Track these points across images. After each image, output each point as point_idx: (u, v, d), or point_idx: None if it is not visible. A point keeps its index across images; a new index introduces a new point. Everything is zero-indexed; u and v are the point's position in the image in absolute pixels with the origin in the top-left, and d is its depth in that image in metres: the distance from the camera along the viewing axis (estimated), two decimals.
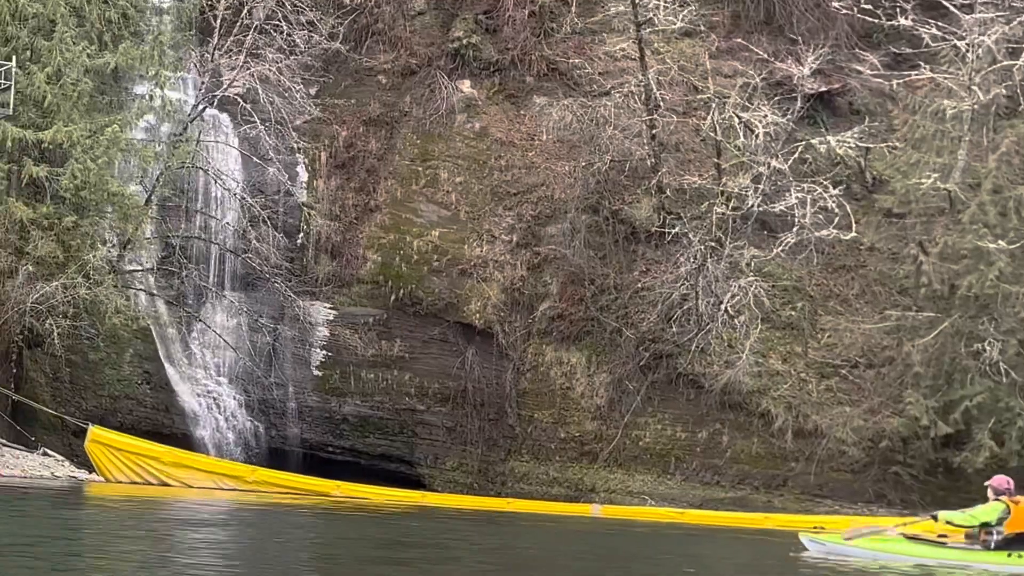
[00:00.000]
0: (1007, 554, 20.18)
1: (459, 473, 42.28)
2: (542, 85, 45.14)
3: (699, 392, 39.55)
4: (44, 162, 36.09)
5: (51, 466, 33.85)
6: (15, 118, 35.73)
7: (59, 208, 35.96)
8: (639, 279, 41.42)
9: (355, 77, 45.87)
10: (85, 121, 36.03)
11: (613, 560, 20.70)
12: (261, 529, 23.75)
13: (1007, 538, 20.31)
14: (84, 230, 35.95)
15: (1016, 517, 20.29)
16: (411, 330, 43.03)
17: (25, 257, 35.24)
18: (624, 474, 39.96)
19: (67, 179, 35.30)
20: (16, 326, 35.25)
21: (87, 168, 35.17)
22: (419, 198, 44.09)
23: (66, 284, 34.77)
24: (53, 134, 35.16)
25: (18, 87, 35.97)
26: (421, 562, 18.39)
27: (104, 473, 34.43)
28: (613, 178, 42.62)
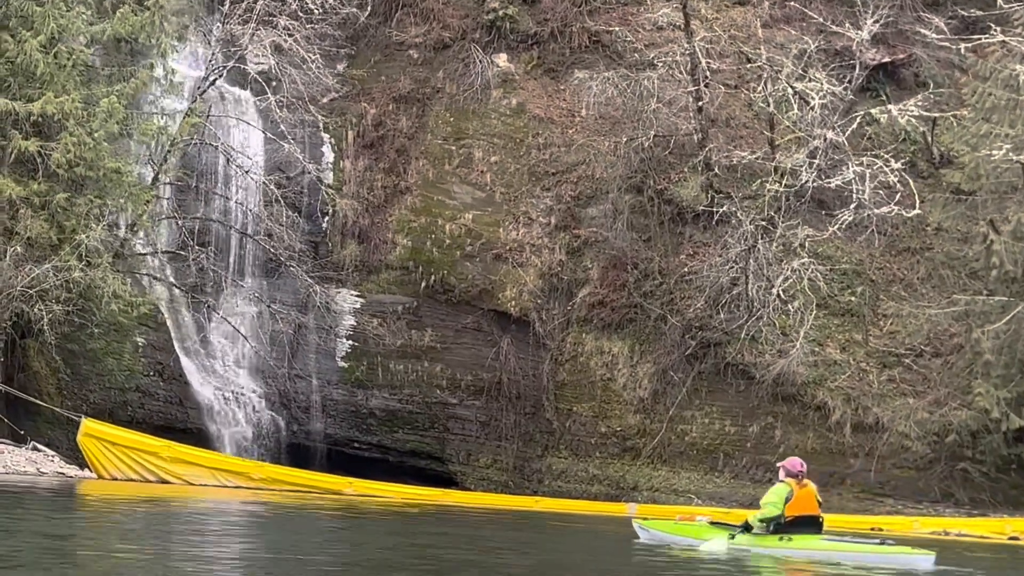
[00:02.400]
0: (779, 537, 19.81)
1: (493, 470, 39.92)
2: (583, 58, 42.81)
3: (750, 383, 36.93)
4: (37, 136, 33.86)
5: (39, 462, 31.59)
6: (6, 89, 33.64)
7: (53, 186, 33.72)
8: (685, 262, 38.93)
9: (384, 52, 43.84)
10: (80, 92, 33.76)
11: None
12: (272, 534, 21.25)
13: (786, 521, 19.89)
14: (80, 209, 33.63)
15: (797, 500, 19.83)
16: (442, 319, 40.81)
17: (15, 238, 33.03)
18: (669, 471, 37.43)
19: (59, 153, 33.08)
20: (5, 312, 33.02)
21: (82, 142, 32.92)
22: (452, 179, 41.88)
23: (58, 267, 32.50)
24: (43, 105, 32.98)
25: (8, 55, 33.87)
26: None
27: (98, 469, 32.12)
28: (658, 155, 40.22)
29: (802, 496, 19.97)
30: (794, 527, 19.85)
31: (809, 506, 19.98)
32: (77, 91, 33.86)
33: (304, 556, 16.38)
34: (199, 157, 39.81)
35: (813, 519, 20.03)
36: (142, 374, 37.39)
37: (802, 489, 20.03)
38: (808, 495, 20.05)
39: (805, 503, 19.95)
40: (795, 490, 20.01)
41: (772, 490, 20.38)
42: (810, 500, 20.02)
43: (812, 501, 20.04)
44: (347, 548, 18.74)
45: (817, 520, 20.09)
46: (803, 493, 20.00)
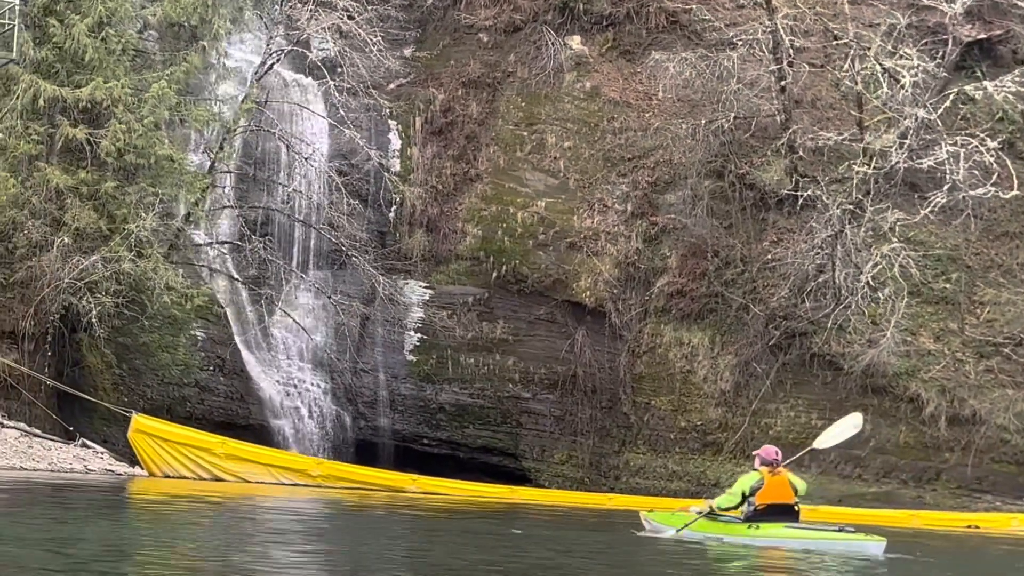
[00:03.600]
0: (747, 526, 19.75)
1: (568, 467, 38.31)
2: (660, 38, 41.18)
3: (837, 374, 34.95)
4: (85, 123, 32.74)
5: (87, 459, 30.32)
6: (54, 75, 32.59)
7: (103, 175, 32.59)
8: (768, 249, 37.03)
9: (453, 36, 42.59)
10: (130, 78, 32.65)
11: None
12: (340, 534, 19.89)
13: (757, 510, 19.80)
14: (130, 199, 32.45)
15: (768, 488, 19.77)
16: (515, 310, 39.29)
17: (63, 229, 31.92)
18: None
19: (108, 141, 31.93)
20: (53, 305, 31.87)
21: (131, 129, 31.76)
22: (524, 166, 40.37)
23: (108, 258, 31.31)
24: (91, 91, 31.86)
25: (55, 40, 32.83)
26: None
27: (149, 467, 30.77)
28: (739, 138, 38.44)
29: (774, 484, 19.87)
30: (766, 515, 19.77)
31: (782, 495, 19.87)
32: (127, 77, 32.75)
33: (375, 559, 15.23)
34: (260, 146, 38.66)
35: (787, 508, 19.91)
36: (199, 368, 36.18)
37: (774, 477, 19.93)
38: (781, 483, 19.96)
39: (777, 491, 19.87)
40: (766, 479, 19.90)
41: (741, 477, 20.58)
42: (783, 489, 19.92)
43: (786, 489, 19.93)
44: (417, 549, 17.51)
45: (791, 508, 19.95)
46: (775, 481, 19.89)
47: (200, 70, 34.80)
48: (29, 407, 32.10)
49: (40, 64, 33.10)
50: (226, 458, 31.26)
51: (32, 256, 32.19)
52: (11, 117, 32.43)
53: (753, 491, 19.98)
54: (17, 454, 28.95)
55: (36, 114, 32.85)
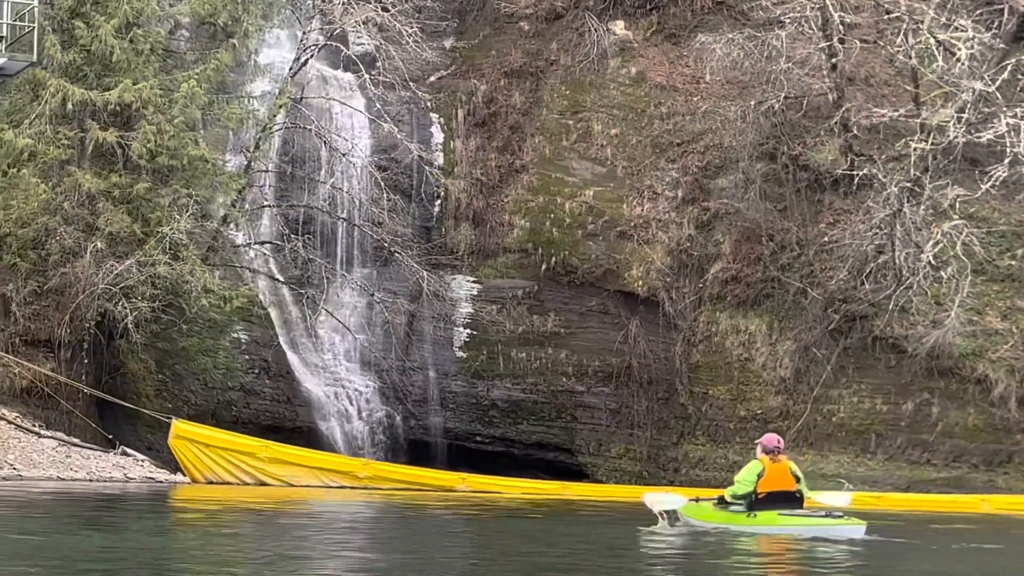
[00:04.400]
0: (747, 514, 19.92)
1: (626, 460, 37.42)
2: (706, 20, 40.34)
3: (901, 357, 33.81)
4: (115, 126, 32.10)
5: (126, 467, 29.61)
6: (82, 79, 31.97)
7: (136, 178, 31.94)
8: (825, 231, 36.00)
9: (494, 26, 42.00)
10: (159, 79, 32.00)
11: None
12: (397, 539, 19.09)
13: (759, 497, 19.91)
14: (164, 201, 31.76)
15: (769, 476, 19.85)
16: (565, 302, 38.44)
17: (96, 234, 31.26)
18: (816, 455, 34.36)
19: (139, 143, 31.26)
20: (88, 311, 31.19)
21: (162, 130, 31.10)
22: (570, 155, 39.52)
23: (142, 262, 30.62)
24: (120, 93, 31.23)
25: (82, 42, 32.20)
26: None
27: (192, 473, 30.06)
28: (790, 119, 37.44)
29: (775, 472, 19.91)
30: (767, 503, 19.88)
31: (783, 482, 19.94)
32: (156, 77, 32.09)
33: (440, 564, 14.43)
34: (299, 144, 37.99)
35: (789, 495, 19.99)
36: (242, 371, 35.44)
37: (775, 465, 19.97)
38: (782, 471, 20.00)
39: (778, 479, 19.92)
40: (767, 467, 19.94)
41: (745, 467, 20.56)
42: (784, 476, 19.98)
43: (786, 477, 20.00)
44: (479, 553, 16.72)
45: (793, 496, 20.03)
46: (775, 469, 19.93)
47: (232, 68, 34.04)
48: (68, 416, 31.50)
49: (68, 68, 32.51)
50: (270, 462, 30.54)
51: (66, 262, 31.61)
52: (40, 122, 31.88)
53: (757, 478, 20.02)
54: (54, 464, 28.34)
55: (65, 118, 32.28)
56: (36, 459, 28.30)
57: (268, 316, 36.57)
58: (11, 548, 14.15)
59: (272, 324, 36.66)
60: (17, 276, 31.99)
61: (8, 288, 32.02)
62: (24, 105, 32.74)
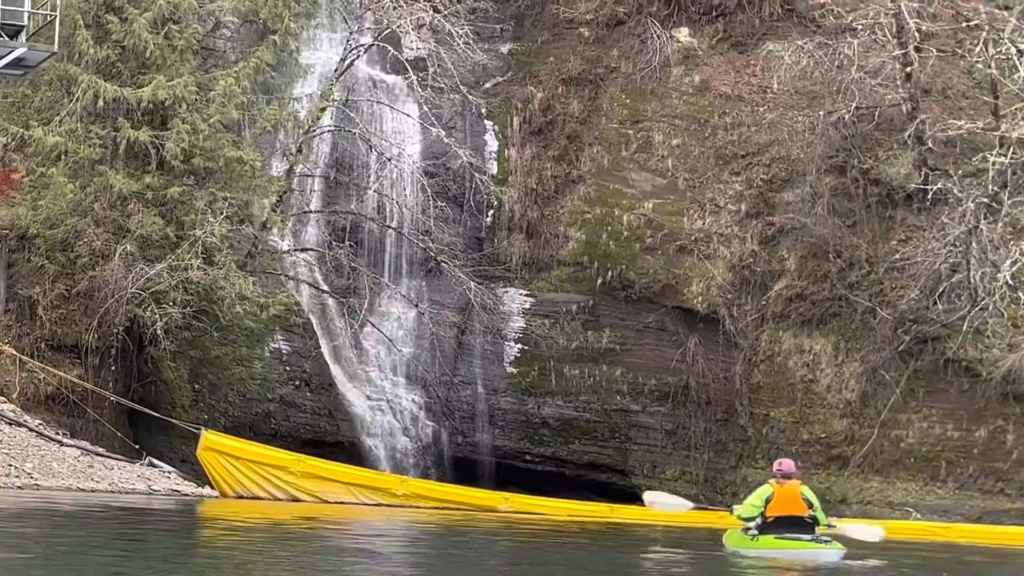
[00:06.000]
0: (751, 538, 19.73)
1: (681, 483, 35.81)
2: (775, 28, 39.02)
3: (975, 381, 32.26)
4: (149, 126, 31.00)
5: (151, 479, 28.27)
6: (116, 75, 30.91)
7: (170, 180, 30.81)
8: (896, 249, 34.47)
9: (552, 31, 40.80)
10: (195, 77, 30.91)
11: None
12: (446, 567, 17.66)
13: (767, 522, 19.59)
14: (200, 203, 30.57)
15: (778, 500, 19.57)
16: (622, 318, 37.11)
17: (127, 236, 30.12)
18: (882, 482, 32.84)
19: (173, 143, 30.12)
20: (116, 317, 30.00)
21: (196, 130, 29.96)
22: (629, 165, 38.23)
23: (174, 266, 29.41)
24: (153, 90, 30.16)
25: (115, 37, 31.16)
26: None
27: (221, 487, 28.71)
28: (862, 131, 36.00)
29: (783, 496, 19.58)
30: (774, 527, 19.55)
31: (792, 507, 19.55)
32: (191, 75, 30.95)
33: None
34: (348, 149, 36.80)
35: (798, 519, 19.55)
36: (279, 382, 34.16)
37: (783, 489, 19.65)
38: (791, 495, 19.65)
39: (787, 503, 19.55)
40: (776, 491, 19.68)
41: (755, 492, 20.44)
42: (793, 500, 19.59)
43: (796, 501, 19.60)
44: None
45: (803, 520, 19.56)
46: (784, 493, 19.61)
47: (275, 68, 32.84)
48: (95, 425, 30.39)
49: (101, 64, 31.55)
50: (303, 477, 29.17)
51: (95, 265, 30.61)
52: (71, 120, 30.94)
53: (766, 503, 19.68)
54: (75, 474, 27.09)
55: (98, 117, 31.33)
56: (56, 468, 27.04)
57: (310, 326, 35.32)
58: None
59: (315, 334, 35.35)
60: (45, 279, 31.08)
61: (35, 291, 31.14)
62: (55, 102, 31.75)
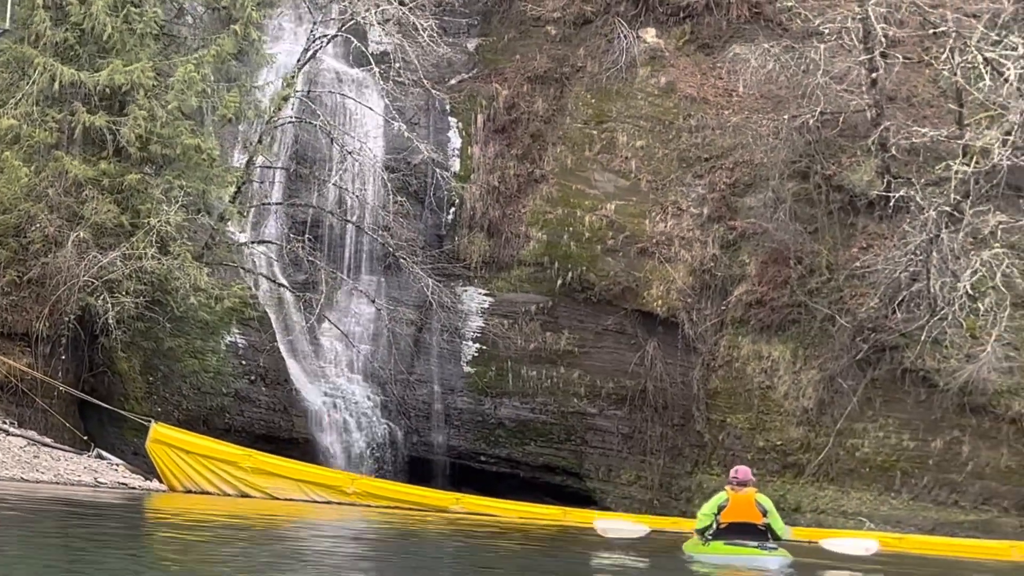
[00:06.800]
0: (703, 542, 20.11)
1: (636, 488, 35.63)
2: (742, 30, 38.63)
3: (932, 392, 31.96)
4: (106, 111, 30.60)
5: (98, 471, 27.93)
6: (74, 59, 30.50)
7: (125, 167, 30.41)
8: (857, 256, 34.14)
9: (519, 28, 40.34)
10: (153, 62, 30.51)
11: None
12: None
13: (720, 528, 19.98)
14: (156, 191, 30.17)
15: (732, 507, 19.96)
16: (581, 320, 36.71)
17: (81, 223, 29.72)
18: (837, 491, 32.58)
19: (128, 128, 29.75)
20: (68, 305, 29.59)
21: (154, 116, 29.58)
22: (593, 166, 37.81)
23: (128, 255, 29.03)
24: (110, 74, 29.75)
25: (74, 19, 30.78)
26: None
27: (169, 480, 28.38)
28: (826, 137, 35.62)
29: (737, 503, 19.94)
30: (726, 534, 19.87)
31: (745, 513, 19.87)
32: (150, 60, 30.54)
33: None
34: (311, 143, 36.44)
35: (750, 527, 19.85)
36: (233, 376, 33.80)
37: (738, 496, 19.99)
38: (745, 502, 19.96)
39: (741, 510, 19.89)
40: (731, 498, 20.03)
41: (710, 500, 20.76)
42: (747, 508, 19.90)
43: (750, 508, 19.90)
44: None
45: (756, 528, 19.85)
46: (738, 500, 19.96)
47: (235, 56, 32.43)
48: (44, 415, 29.92)
49: (59, 47, 31.08)
50: (253, 472, 28.86)
51: (47, 252, 30.14)
52: (27, 103, 30.49)
53: (720, 509, 20.03)
54: (19, 464, 26.69)
55: (55, 100, 30.82)
56: (0, 458, 26.65)
57: (267, 320, 34.91)
58: None
59: (271, 329, 34.98)
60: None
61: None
62: (11, 84, 31.31)
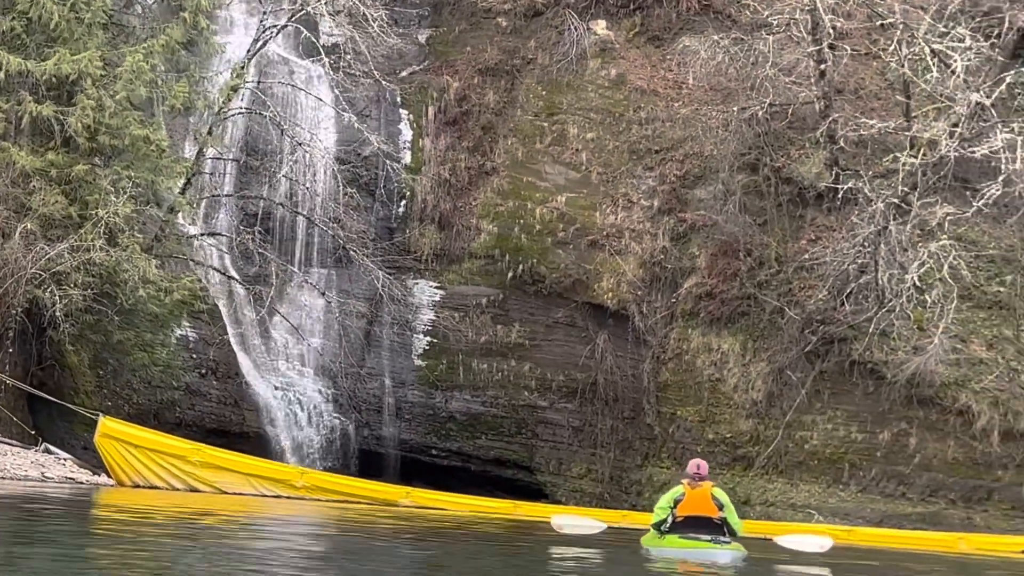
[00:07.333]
0: (659, 536, 20.14)
1: (587, 481, 35.63)
2: (691, 22, 38.63)
3: (880, 384, 31.97)
4: (54, 101, 30.32)
5: (45, 465, 27.71)
6: (21, 48, 30.20)
7: (73, 157, 30.13)
8: (806, 248, 34.19)
9: (470, 20, 40.31)
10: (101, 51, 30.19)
11: None
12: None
13: (676, 522, 19.99)
14: (104, 183, 29.90)
15: (688, 501, 19.94)
16: (531, 312, 36.68)
17: (29, 214, 29.44)
18: (786, 483, 32.65)
19: (76, 118, 29.48)
20: (15, 297, 29.32)
21: (102, 106, 29.34)
22: (543, 158, 37.77)
23: (76, 246, 28.78)
24: (56, 63, 29.47)
25: (20, 7, 30.53)
26: None
27: (117, 475, 28.17)
28: (775, 129, 35.69)
29: (693, 497, 19.91)
30: (681, 527, 19.91)
31: (701, 507, 19.89)
32: (98, 49, 30.22)
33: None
34: (262, 135, 36.20)
35: (706, 520, 19.88)
36: (183, 369, 33.58)
37: (694, 491, 19.97)
38: (701, 497, 19.93)
39: (696, 504, 19.88)
40: (687, 492, 20.02)
41: (666, 493, 20.77)
42: (703, 502, 19.90)
43: (706, 503, 19.90)
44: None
45: (711, 522, 19.87)
46: (695, 494, 19.93)
47: (184, 46, 32.17)
48: None
49: (6, 35, 30.76)
50: (201, 466, 28.64)
51: None
52: None
53: (676, 503, 20.00)
54: None
55: (1, 90, 30.54)
56: None
57: (218, 313, 34.72)
58: None
59: (222, 322, 34.79)
60: None
61: None
62: None
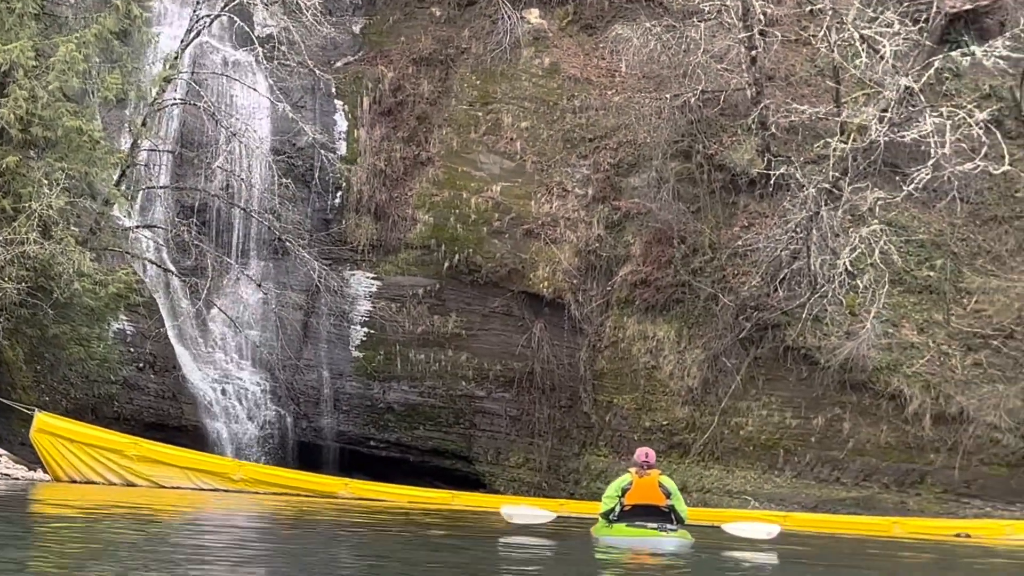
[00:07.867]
0: (605, 524, 20.12)
1: (525, 470, 35.76)
2: (624, 10, 38.67)
3: (813, 369, 32.34)
4: None
5: None
6: None
7: (5, 150, 29.83)
8: (739, 235, 34.44)
9: (404, 10, 40.11)
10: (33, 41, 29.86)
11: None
12: (292, 555, 17.21)
13: (624, 510, 19.96)
14: (37, 175, 29.64)
15: (635, 489, 19.89)
16: (468, 302, 36.70)
17: None
18: (722, 470, 32.92)
19: (7, 109, 29.18)
20: None
21: (34, 97, 29.06)
22: (478, 148, 37.73)
23: (9, 239, 28.53)
24: None
25: None
26: None
27: (54, 470, 28.00)
28: (707, 116, 35.87)
29: (641, 486, 19.85)
30: (629, 516, 19.88)
31: (648, 496, 19.85)
32: (30, 39, 29.89)
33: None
34: (197, 126, 35.97)
35: (653, 508, 19.86)
36: (120, 363, 33.35)
37: (642, 479, 19.89)
38: (648, 485, 19.87)
39: (644, 492, 19.85)
40: (635, 480, 19.93)
41: (614, 482, 20.65)
42: (651, 490, 19.85)
43: (653, 491, 19.86)
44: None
45: (659, 510, 19.86)
46: (642, 483, 19.87)
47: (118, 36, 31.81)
48: None
49: None
50: (138, 460, 28.44)
51: None
52: None
53: (623, 492, 19.94)
54: None
55: None
56: None
57: (155, 306, 34.50)
58: None
59: (159, 315, 34.60)
60: None
61: None
62: None
